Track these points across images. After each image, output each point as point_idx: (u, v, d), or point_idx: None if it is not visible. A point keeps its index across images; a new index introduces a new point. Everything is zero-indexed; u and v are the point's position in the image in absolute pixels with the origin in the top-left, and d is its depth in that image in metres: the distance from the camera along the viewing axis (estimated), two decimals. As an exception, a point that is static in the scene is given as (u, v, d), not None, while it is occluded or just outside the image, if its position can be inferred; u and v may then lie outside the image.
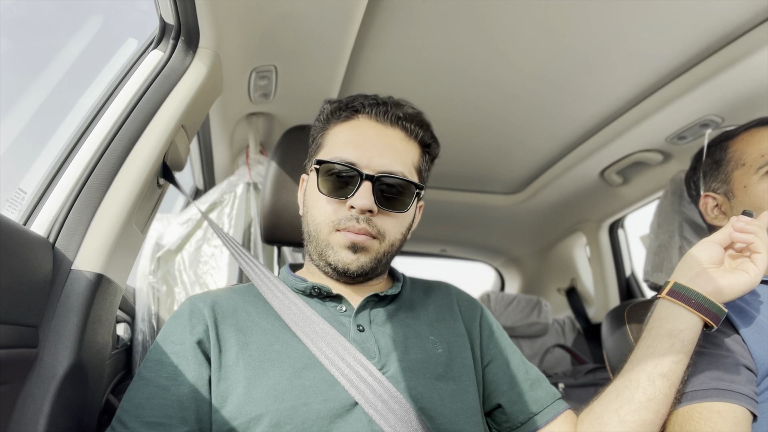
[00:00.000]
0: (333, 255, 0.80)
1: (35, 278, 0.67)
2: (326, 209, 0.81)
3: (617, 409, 0.73)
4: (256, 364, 0.71)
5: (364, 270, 0.81)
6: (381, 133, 0.84)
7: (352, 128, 0.85)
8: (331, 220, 0.80)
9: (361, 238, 0.79)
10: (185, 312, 0.77)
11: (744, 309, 0.85)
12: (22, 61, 1.17)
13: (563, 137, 1.75)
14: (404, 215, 0.84)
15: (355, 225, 0.78)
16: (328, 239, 0.81)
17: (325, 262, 0.82)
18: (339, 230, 0.80)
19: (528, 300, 2.66)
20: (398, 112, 0.86)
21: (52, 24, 1.25)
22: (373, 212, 0.79)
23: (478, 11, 1.14)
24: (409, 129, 0.86)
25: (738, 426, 0.72)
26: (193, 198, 1.63)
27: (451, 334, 0.85)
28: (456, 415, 0.73)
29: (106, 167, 0.84)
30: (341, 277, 0.83)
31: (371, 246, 0.80)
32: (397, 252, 0.87)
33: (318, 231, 0.82)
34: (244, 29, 1.12)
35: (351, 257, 0.79)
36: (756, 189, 0.95)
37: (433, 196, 2.27)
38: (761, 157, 0.96)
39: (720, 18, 1.14)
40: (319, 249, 0.82)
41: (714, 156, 1.06)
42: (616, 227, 2.45)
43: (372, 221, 0.79)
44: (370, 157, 0.80)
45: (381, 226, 0.80)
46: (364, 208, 0.77)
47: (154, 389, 0.69)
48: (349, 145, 0.82)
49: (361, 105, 0.86)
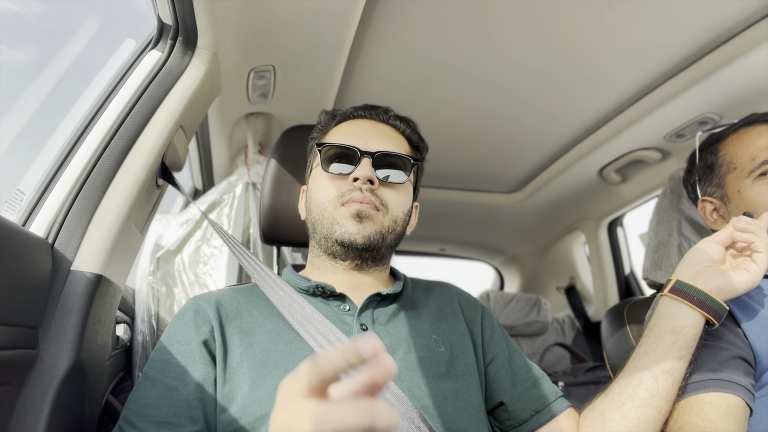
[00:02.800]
0: (339, 229, 0.82)
1: (34, 279, 0.67)
2: (330, 187, 0.85)
3: (620, 406, 0.73)
4: (260, 364, 0.72)
5: (371, 242, 0.82)
6: (375, 126, 0.92)
7: (348, 125, 0.93)
8: (335, 196, 0.84)
9: (365, 206, 0.82)
10: (189, 312, 0.77)
11: (746, 303, 0.85)
12: (21, 61, 1.16)
13: (562, 136, 1.76)
14: (404, 191, 0.89)
15: (359, 194, 0.82)
16: (334, 215, 0.83)
17: (333, 240, 0.83)
18: (344, 204, 0.82)
19: (527, 299, 2.67)
20: (388, 113, 0.95)
21: (52, 24, 1.25)
22: (374, 183, 0.83)
23: (475, 11, 1.14)
24: (398, 127, 0.95)
25: (730, 416, 0.72)
26: (192, 198, 1.63)
27: (453, 333, 0.85)
28: (459, 413, 0.74)
29: (104, 168, 0.84)
30: (349, 253, 0.84)
31: (375, 216, 0.83)
32: (399, 237, 0.89)
33: (323, 210, 0.85)
34: (241, 29, 1.12)
35: (357, 227, 0.81)
36: (749, 193, 0.94)
37: (432, 195, 2.27)
38: (752, 161, 0.95)
39: (718, 16, 1.14)
40: (325, 230, 0.84)
41: (706, 160, 1.06)
42: (615, 225, 2.45)
43: (375, 193, 0.83)
44: (367, 141, 0.87)
45: (384, 197, 0.85)
46: (366, 177, 0.82)
47: (161, 389, 0.69)
48: (348, 134, 0.90)
49: (355, 110, 0.96)
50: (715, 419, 0.71)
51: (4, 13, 1.10)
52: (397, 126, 0.94)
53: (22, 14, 1.16)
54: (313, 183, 0.90)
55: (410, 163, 0.88)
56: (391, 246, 0.88)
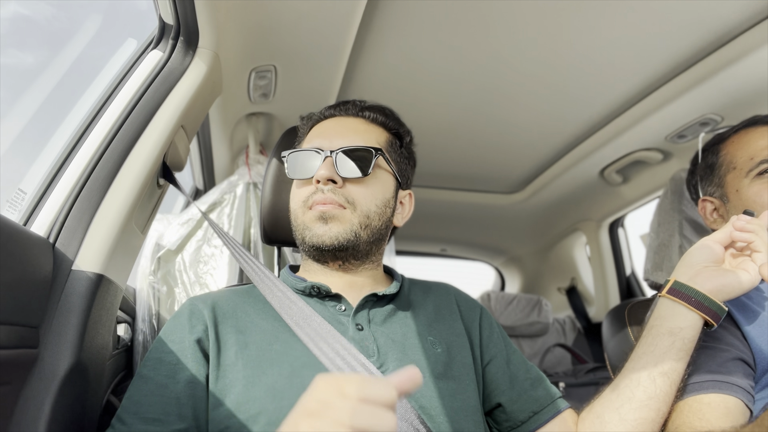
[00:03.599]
0: (309, 233, 0.82)
1: (36, 279, 0.67)
2: (298, 194, 0.86)
3: (618, 408, 0.73)
4: (255, 363, 0.72)
5: (340, 242, 0.81)
6: (342, 123, 0.91)
7: (318, 127, 0.93)
8: (302, 200, 0.84)
9: (328, 207, 0.81)
10: (185, 312, 0.78)
11: (746, 304, 0.85)
12: (21, 62, 1.17)
13: (563, 136, 1.75)
14: (376, 183, 0.86)
15: (321, 195, 0.82)
16: (303, 219, 0.84)
17: (307, 245, 0.83)
18: (310, 207, 0.83)
19: (528, 299, 2.66)
20: (360, 105, 0.93)
21: (51, 24, 1.25)
22: (336, 182, 0.82)
23: (476, 12, 1.14)
24: (369, 116, 0.92)
25: (728, 417, 0.72)
26: (192, 198, 1.63)
27: (451, 334, 0.85)
28: (456, 413, 0.73)
29: (106, 167, 0.84)
30: (324, 255, 0.84)
31: (341, 215, 0.81)
32: (381, 231, 0.87)
33: (296, 216, 0.86)
34: (243, 29, 1.12)
35: (323, 228, 0.81)
36: (747, 192, 0.94)
37: (434, 195, 2.27)
38: (750, 160, 0.95)
39: (719, 16, 1.14)
40: (299, 235, 0.85)
41: (707, 160, 1.06)
42: (616, 226, 2.45)
43: (338, 192, 0.82)
44: (331, 140, 0.86)
45: (348, 195, 0.83)
46: (324, 177, 0.81)
47: (152, 386, 0.69)
48: (316, 137, 0.89)
49: (326, 109, 0.95)
50: (713, 420, 0.71)
51: (14, 17, 1.11)
52: (368, 116, 0.92)
53: (31, 17, 1.17)
54: (291, 192, 0.91)
55: (372, 156, 0.84)
56: (371, 242, 0.85)
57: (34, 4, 1.20)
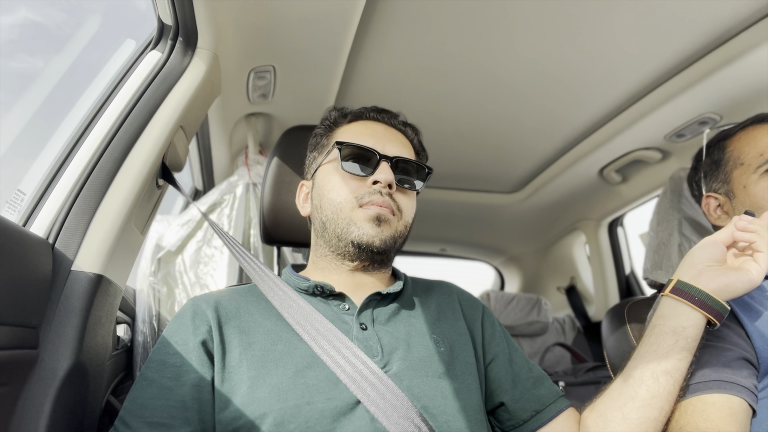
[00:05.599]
0: (357, 230, 0.82)
1: (35, 279, 0.67)
2: (347, 188, 0.85)
3: (621, 407, 0.73)
4: (260, 364, 0.72)
5: (387, 245, 0.83)
6: (388, 130, 0.93)
7: (362, 125, 0.93)
8: (354, 197, 0.84)
9: (385, 210, 0.82)
10: (188, 313, 0.77)
11: (749, 304, 0.85)
12: (21, 62, 1.16)
13: (562, 136, 1.76)
14: (413, 197, 0.90)
15: (380, 198, 0.82)
16: (351, 216, 0.83)
17: (347, 241, 0.83)
18: (362, 206, 0.82)
19: (528, 299, 2.67)
20: (397, 118, 0.96)
21: (51, 24, 1.25)
22: (392, 188, 0.84)
23: (476, 13, 1.14)
24: (407, 133, 0.96)
25: (732, 417, 0.72)
26: (192, 199, 1.63)
27: (453, 333, 0.85)
28: (459, 413, 0.73)
29: (105, 168, 0.84)
30: (361, 255, 0.84)
31: (392, 221, 0.84)
32: (404, 241, 0.90)
33: (339, 210, 0.84)
34: (242, 30, 1.12)
35: (375, 230, 0.81)
36: (755, 188, 0.94)
37: (433, 195, 2.27)
38: (759, 156, 0.95)
39: (718, 15, 1.14)
40: (340, 229, 0.83)
41: (713, 156, 1.06)
42: (615, 225, 2.45)
43: (392, 197, 0.84)
44: (384, 144, 0.88)
45: (399, 202, 0.86)
46: (387, 181, 0.83)
47: (157, 390, 0.69)
48: (363, 135, 0.89)
49: (366, 110, 0.95)
50: (717, 420, 0.71)
51: (24, 23, 1.11)
52: (406, 132, 0.95)
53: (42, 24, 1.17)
54: (324, 180, 0.89)
55: (426, 171, 0.90)
56: (398, 249, 0.89)
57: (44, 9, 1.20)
